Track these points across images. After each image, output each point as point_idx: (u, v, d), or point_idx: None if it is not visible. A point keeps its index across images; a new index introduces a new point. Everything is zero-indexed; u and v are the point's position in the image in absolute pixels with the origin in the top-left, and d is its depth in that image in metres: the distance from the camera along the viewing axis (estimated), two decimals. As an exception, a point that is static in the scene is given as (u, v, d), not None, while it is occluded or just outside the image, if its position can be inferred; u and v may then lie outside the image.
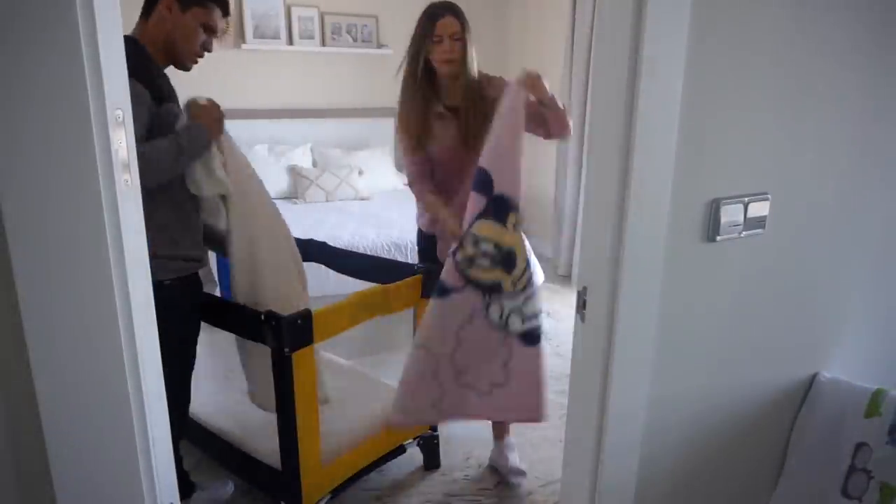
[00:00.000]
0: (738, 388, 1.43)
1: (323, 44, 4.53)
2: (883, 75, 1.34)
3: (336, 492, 1.98)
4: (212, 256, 3.01)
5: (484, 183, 1.70)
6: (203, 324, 1.80)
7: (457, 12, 1.91)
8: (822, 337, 1.51)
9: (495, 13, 4.95)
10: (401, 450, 2.16)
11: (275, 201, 1.88)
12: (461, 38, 1.90)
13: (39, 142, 0.78)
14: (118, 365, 0.88)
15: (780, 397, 1.50)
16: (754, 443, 1.51)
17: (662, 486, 1.41)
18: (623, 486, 1.35)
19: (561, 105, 1.85)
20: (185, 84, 1.69)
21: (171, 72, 1.63)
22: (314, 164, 4.47)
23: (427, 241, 2.20)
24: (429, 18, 1.91)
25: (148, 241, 0.94)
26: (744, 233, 1.28)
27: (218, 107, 1.66)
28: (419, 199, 2.10)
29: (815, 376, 1.53)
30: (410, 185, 2.11)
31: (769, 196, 1.29)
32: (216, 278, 2.83)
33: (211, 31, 1.63)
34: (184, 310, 1.68)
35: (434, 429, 2.26)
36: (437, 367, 1.80)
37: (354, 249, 3.13)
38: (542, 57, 4.65)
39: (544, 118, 1.87)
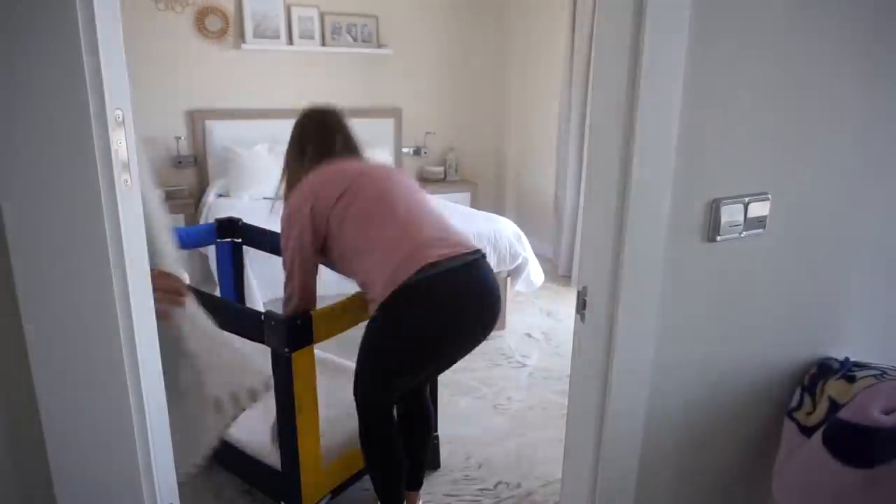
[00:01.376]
0: (739, 389, 1.43)
1: (323, 44, 4.52)
2: (882, 75, 1.34)
3: (336, 492, 1.98)
4: (211, 257, 3.02)
5: None
6: None
7: None
8: (823, 338, 1.50)
9: (495, 17, 4.95)
10: (401, 450, 2.15)
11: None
12: None
13: (39, 142, 0.78)
14: (118, 365, 0.88)
15: (781, 398, 1.49)
16: (754, 444, 1.51)
17: (663, 486, 1.41)
18: (623, 487, 1.35)
19: None
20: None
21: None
22: (314, 164, 4.47)
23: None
24: None
25: None
26: (744, 233, 1.28)
27: (176, 279, 1.16)
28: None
29: (815, 376, 1.53)
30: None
31: (769, 196, 1.29)
32: (216, 279, 2.84)
33: None
34: None
35: (434, 429, 2.26)
36: None
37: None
38: (542, 56, 4.66)
39: None
